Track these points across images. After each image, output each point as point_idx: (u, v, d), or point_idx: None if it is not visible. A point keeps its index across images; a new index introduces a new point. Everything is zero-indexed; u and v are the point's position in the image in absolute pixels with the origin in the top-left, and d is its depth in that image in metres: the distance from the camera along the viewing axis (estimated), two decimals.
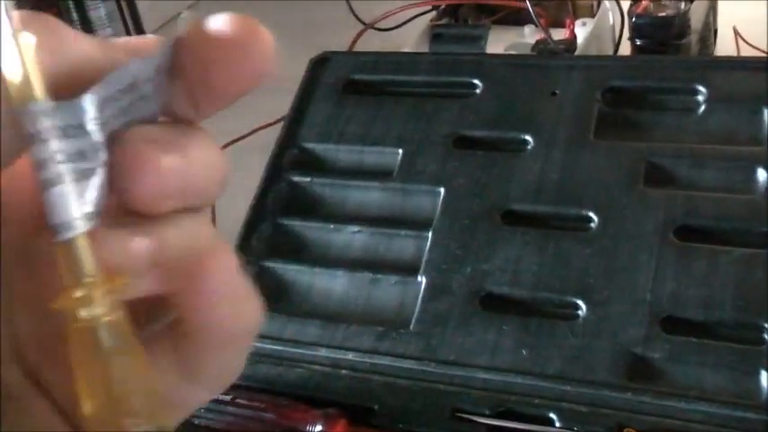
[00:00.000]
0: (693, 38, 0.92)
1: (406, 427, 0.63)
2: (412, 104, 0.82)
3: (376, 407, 0.64)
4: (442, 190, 0.75)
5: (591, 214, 0.71)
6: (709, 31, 0.98)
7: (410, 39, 1.02)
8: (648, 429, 0.59)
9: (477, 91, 0.82)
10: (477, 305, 0.68)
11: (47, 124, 0.24)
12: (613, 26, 1.02)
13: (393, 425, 0.63)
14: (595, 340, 0.64)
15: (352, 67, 0.87)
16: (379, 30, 1.05)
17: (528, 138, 0.77)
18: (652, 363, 0.63)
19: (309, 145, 0.82)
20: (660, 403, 0.60)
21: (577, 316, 0.66)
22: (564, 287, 0.67)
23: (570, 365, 0.63)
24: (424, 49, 0.99)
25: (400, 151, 0.78)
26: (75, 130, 0.24)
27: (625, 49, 0.96)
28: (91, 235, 0.24)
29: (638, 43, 0.92)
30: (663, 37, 0.90)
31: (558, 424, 0.61)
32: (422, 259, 0.71)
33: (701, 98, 0.76)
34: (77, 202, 0.24)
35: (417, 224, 0.74)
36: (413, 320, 0.68)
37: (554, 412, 0.61)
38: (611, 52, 1.00)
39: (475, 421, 0.62)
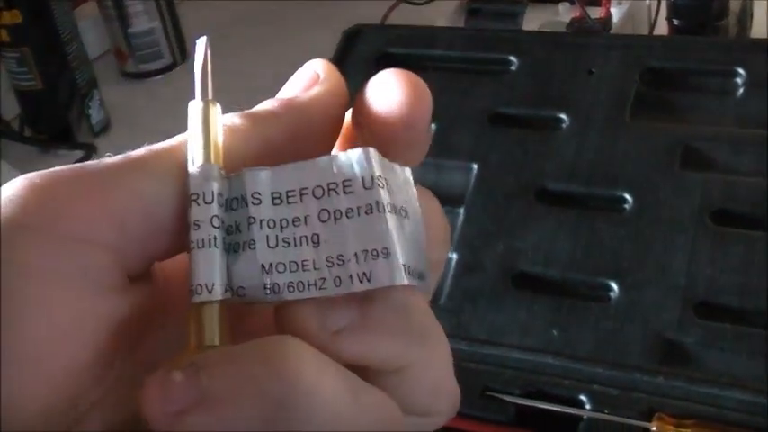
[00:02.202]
0: (731, 20, 0.91)
1: None
2: (447, 79, 0.81)
3: None
4: (476, 166, 0.74)
5: (626, 195, 0.70)
6: (747, 14, 0.97)
7: (444, 13, 1.01)
8: (680, 414, 0.58)
9: (513, 68, 0.81)
10: (508, 283, 0.67)
11: (209, 188, 0.24)
12: (649, 6, 1.00)
13: None
14: (628, 323, 0.63)
15: (386, 40, 0.86)
16: (413, 3, 1.04)
17: (563, 116, 0.76)
18: (685, 347, 0.62)
19: None
20: (692, 388, 0.59)
21: (610, 298, 0.65)
22: (597, 268, 0.67)
23: (602, 347, 0.63)
24: (458, 24, 0.98)
25: (434, 126, 0.77)
26: (236, 202, 0.24)
27: (661, 29, 0.95)
28: (234, 307, 0.24)
29: (676, 23, 0.91)
30: (701, 18, 0.89)
31: (588, 406, 0.60)
32: (454, 235, 0.71)
33: (739, 81, 0.75)
34: (218, 270, 0.24)
35: (450, 200, 0.73)
36: (443, 296, 0.68)
37: (585, 394, 0.61)
38: (646, 32, 0.99)
39: (504, 401, 0.62)
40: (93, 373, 0.23)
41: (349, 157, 0.24)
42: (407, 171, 0.26)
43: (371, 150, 0.24)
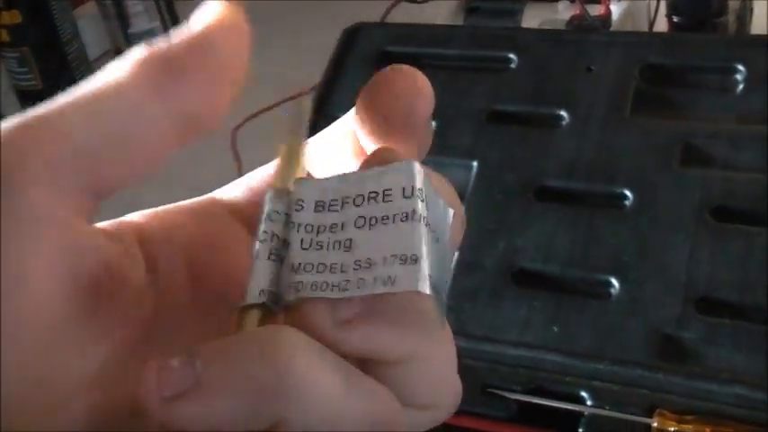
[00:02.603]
0: (731, 16, 0.91)
1: None
2: (446, 77, 0.81)
3: None
4: (475, 164, 0.74)
5: (626, 192, 0.70)
6: (746, 11, 0.97)
7: (443, 12, 1.01)
8: (681, 410, 0.58)
9: (513, 65, 0.81)
10: (508, 281, 0.67)
11: (271, 207, 0.26)
12: (648, 3, 1.00)
13: None
14: (628, 319, 0.63)
15: (386, 38, 0.86)
16: (412, 2, 1.04)
17: (563, 113, 0.76)
18: (685, 343, 0.62)
19: (341, 115, 0.81)
20: (693, 384, 0.59)
21: (610, 294, 0.65)
22: (597, 265, 0.67)
23: (602, 344, 0.63)
24: (458, 22, 0.98)
25: (433, 124, 0.77)
26: (279, 215, 0.26)
27: (660, 26, 0.95)
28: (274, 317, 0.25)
29: (675, 20, 0.91)
30: (701, 14, 0.89)
31: (589, 402, 0.60)
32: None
33: (739, 77, 0.75)
34: (262, 279, 0.25)
35: None
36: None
37: (585, 390, 0.61)
38: (645, 29, 0.99)
39: (505, 397, 0.62)
40: (72, 333, 0.23)
41: (395, 169, 0.25)
42: (450, 211, 0.26)
43: (416, 164, 0.25)
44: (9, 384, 0.21)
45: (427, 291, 0.23)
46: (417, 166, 0.25)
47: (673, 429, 0.57)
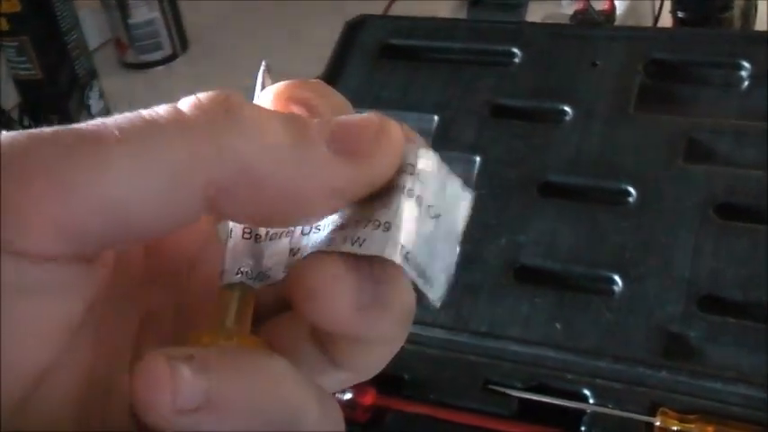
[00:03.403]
0: (736, 12, 0.90)
1: (436, 397, 0.62)
2: (449, 71, 0.80)
3: (406, 376, 0.63)
4: (478, 158, 0.74)
5: (629, 188, 0.69)
6: (751, 6, 0.96)
7: (446, 5, 1.00)
8: (684, 409, 0.58)
9: (516, 60, 0.80)
10: (510, 277, 0.67)
11: None
12: None
13: (423, 395, 0.62)
14: (631, 316, 0.63)
15: (389, 31, 0.86)
16: None
17: (567, 108, 0.75)
18: (688, 341, 0.61)
19: None
20: (696, 383, 0.59)
21: (613, 291, 0.65)
22: (600, 261, 0.66)
23: (605, 341, 0.62)
24: (461, 15, 0.97)
25: (436, 118, 0.77)
26: None
27: (665, 21, 0.94)
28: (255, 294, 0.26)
29: (680, 15, 0.90)
30: (705, 10, 0.89)
31: (591, 400, 0.60)
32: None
33: (744, 74, 0.75)
34: (240, 257, 0.26)
35: None
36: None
37: (588, 388, 0.60)
38: (650, 24, 0.98)
39: (506, 394, 0.61)
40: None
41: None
42: (464, 202, 0.26)
43: (422, 149, 0.25)
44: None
45: (396, 259, 0.23)
46: (423, 151, 0.25)
47: (675, 428, 0.57)
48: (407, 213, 0.24)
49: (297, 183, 0.23)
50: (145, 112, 0.22)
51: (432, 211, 0.25)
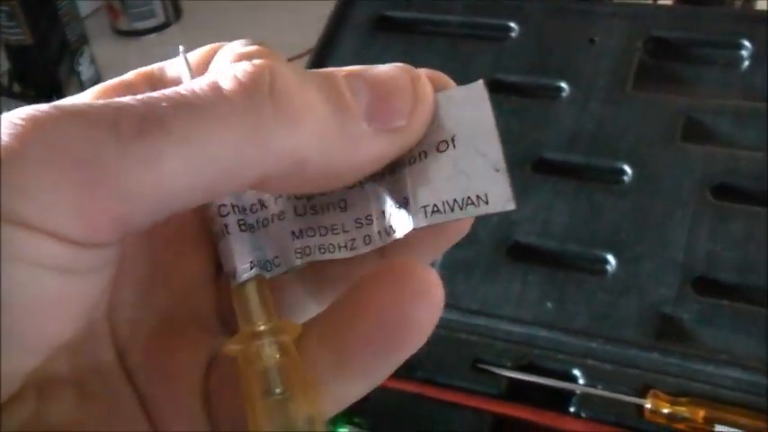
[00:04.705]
0: None
1: (426, 375, 0.61)
2: (445, 45, 0.79)
3: None
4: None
5: (625, 167, 0.68)
6: None
7: None
8: (675, 392, 0.57)
9: (513, 35, 0.79)
10: (503, 254, 0.66)
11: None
12: None
13: (412, 373, 0.61)
14: (624, 297, 0.62)
15: (385, 2, 0.84)
16: None
17: (564, 85, 0.74)
18: (681, 324, 0.61)
19: None
20: (688, 365, 0.58)
21: (606, 271, 0.64)
22: (594, 241, 0.65)
23: (597, 321, 0.61)
24: None
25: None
26: None
27: None
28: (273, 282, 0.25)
29: None
30: None
31: (581, 381, 0.59)
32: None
33: (745, 53, 0.74)
34: (246, 252, 0.25)
35: None
36: (436, 265, 0.66)
37: (578, 369, 0.60)
38: (650, 1, 0.97)
39: (496, 374, 0.60)
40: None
41: None
42: (479, 89, 0.25)
43: (444, 96, 0.25)
44: None
45: (422, 223, 0.24)
46: (445, 95, 0.25)
47: (666, 411, 0.56)
48: (415, 176, 0.24)
49: (341, 160, 0.23)
50: (186, 92, 0.21)
51: (458, 139, 0.24)
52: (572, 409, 0.58)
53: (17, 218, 0.19)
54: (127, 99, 0.21)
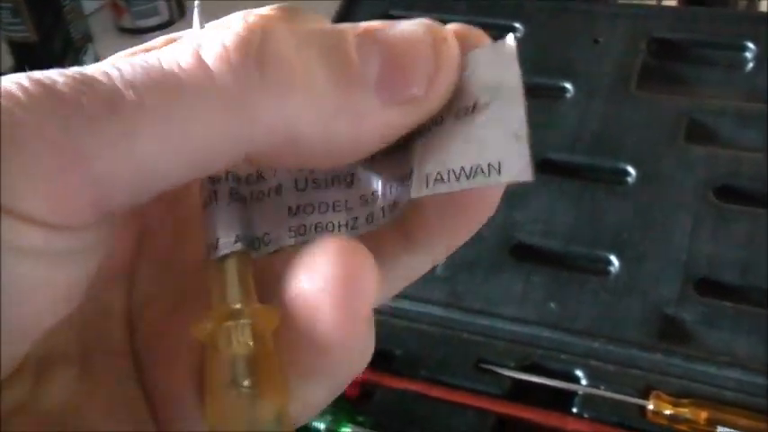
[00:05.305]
0: None
1: (428, 374, 0.61)
2: None
3: (397, 352, 0.63)
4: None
5: (629, 168, 0.69)
6: None
7: None
8: (677, 393, 0.57)
9: (517, 34, 0.79)
10: (506, 254, 0.66)
11: None
12: None
13: (414, 372, 0.61)
14: (627, 298, 0.62)
15: (389, 1, 0.84)
16: None
17: (567, 85, 0.74)
18: (684, 325, 0.61)
19: None
20: (691, 367, 0.58)
21: (609, 272, 0.64)
22: (597, 241, 0.66)
23: (600, 322, 0.62)
24: None
25: None
26: None
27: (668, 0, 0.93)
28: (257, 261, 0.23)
29: None
30: None
31: (584, 382, 0.59)
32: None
33: (749, 55, 0.74)
34: (232, 223, 0.23)
35: None
36: (439, 264, 0.66)
37: (581, 369, 0.60)
38: (654, 2, 0.97)
39: (499, 374, 0.60)
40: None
41: None
42: (508, 46, 0.22)
43: (473, 55, 0.22)
44: None
45: (423, 192, 0.21)
46: (474, 54, 0.22)
47: (668, 412, 0.56)
48: (446, 137, 0.21)
49: (342, 136, 0.20)
50: (164, 63, 0.19)
51: (479, 105, 0.21)
52: (575, 410, 0.58)
53: None
54: (104, 67, 0.19)
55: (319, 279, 0.20)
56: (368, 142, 0.21)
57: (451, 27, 0.22)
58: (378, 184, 0.23)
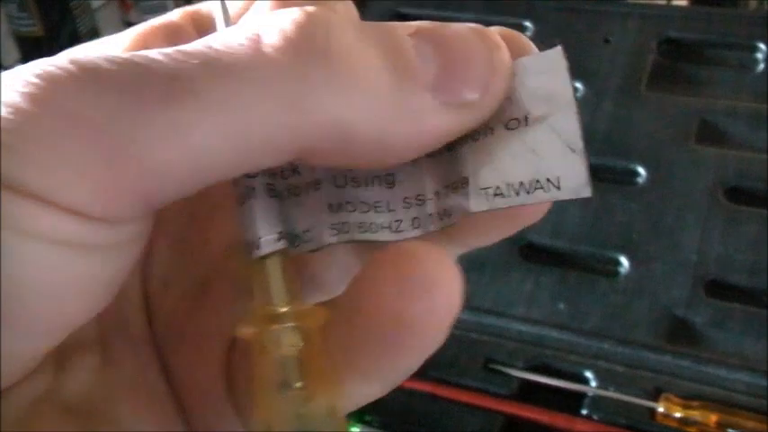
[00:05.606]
0: None
1: (437, 375, 0.61)
2: None
3: None
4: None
5: (639, 168, 0.68)
6: None
7: None
8: (687, 395, 0.57)
9: (528, 33, 0.79)
10: (515, 254, 0.66)
11: None
12: None
13: (423, 372, 0.61)
14: (636, 299, 0.62)
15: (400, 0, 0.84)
16: None
17: (578, 85, 0.74)
18: (693, 326, 0.61)
19: None
20: (700, 369, 0.58)
21: (618, 272, 0.64)
22: (606, 242, 0.65)
23: (609, 323, 0.61)
24: None
25: None
26: None
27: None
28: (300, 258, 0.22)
29: None
30: None
31: (593, 383, 0.59)
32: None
33: (760, 56, 0.74)
34: (273, 220, 0.22)
35: None
36: None
37: (590, 370, 0.59)
38: (665, 2, 0.96)
39: (507, 374, 0.60)
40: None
41: None
42: (557, 56, 0.21)
43: (523, 64, 0.22)
44: None
45: (483, 207, 0.21)
46: (523, 63, 0.22)
47: (678, 415, 0.56)
48: (474, 153, 0.21)
49: (397, 136, 0.20)
50: (221, 48, 0.19)
51: (531, 116, 0.21)
52: (584, 412, 0.58)
53: (29, 191, 0.17)
54: (154, 55, 0.18)
55: (407, 284, 0.20)
56: (421, 144, 0.20)
57: (496, 30, 0.21)
58: (424, 189, 0.22)
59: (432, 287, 0.20)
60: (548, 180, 0.20)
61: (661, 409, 0.56)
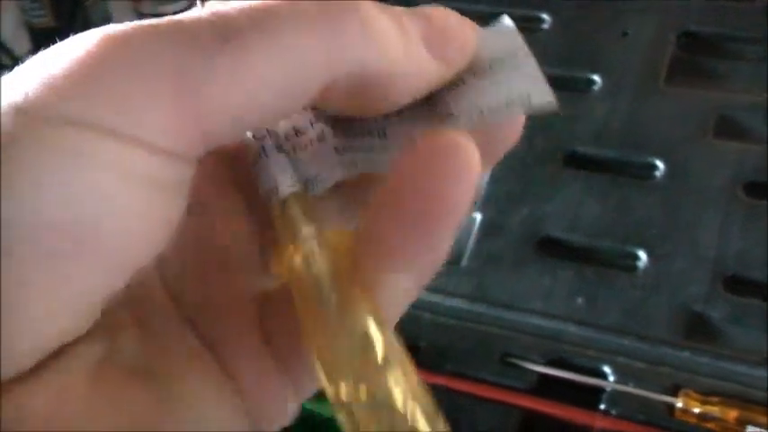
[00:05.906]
0: None
1: (453, 368, 0.61)
2: None
3: (422, 345, 0.62)
4: None
5: (657, 162, 0.68)
6: None
7: None
8: (706, 391, 0.56)
9: (545, 26, 0.78)
10: (532, 248, 0.65)
11: None
12: None
13: (439, 365, 0.61)
14: (655, 294, 0.62)
15: None
16: None
17: (596, 78, 0.74)
18: (712, 322, 0.60)
19: None
20: (719, 365, 0.58)
21: (637, 267, 0.64)
22: (625, 236, 0.65)
23: (627, 318, 0.61)
24: None
25: None
26: None
27: None
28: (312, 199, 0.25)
29: None
30: None
31: (611, 378, 0.59)
32: (478, 194, 0.69)
33: None
34: (286, 170, 0.25)
35: None
36: (465, 257, 0.66)
37: (608, 366, 0.59)
38: None
39: (525, 368, 0.60)
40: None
41: None
42: (505, 25, 0.25)
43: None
44: None
45: (469, 126, 0.24)
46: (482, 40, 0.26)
47: (697, 411, 0.55)
48: (472, 88, 0.25)
49: (400, 79, 0.23)
50: None
51: (494, 64, 0.25)
52: (602, 407, 0.57)
53: (105, 126, 0.19)
54: (198, 14, 0.21)
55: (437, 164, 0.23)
56: (419, 85, 0.24)
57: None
58: (413, 133, 0.25)
59: (455, 163, 0.23)
60: (519, 96, 0.24)
61: (680, 405, 0.56)
